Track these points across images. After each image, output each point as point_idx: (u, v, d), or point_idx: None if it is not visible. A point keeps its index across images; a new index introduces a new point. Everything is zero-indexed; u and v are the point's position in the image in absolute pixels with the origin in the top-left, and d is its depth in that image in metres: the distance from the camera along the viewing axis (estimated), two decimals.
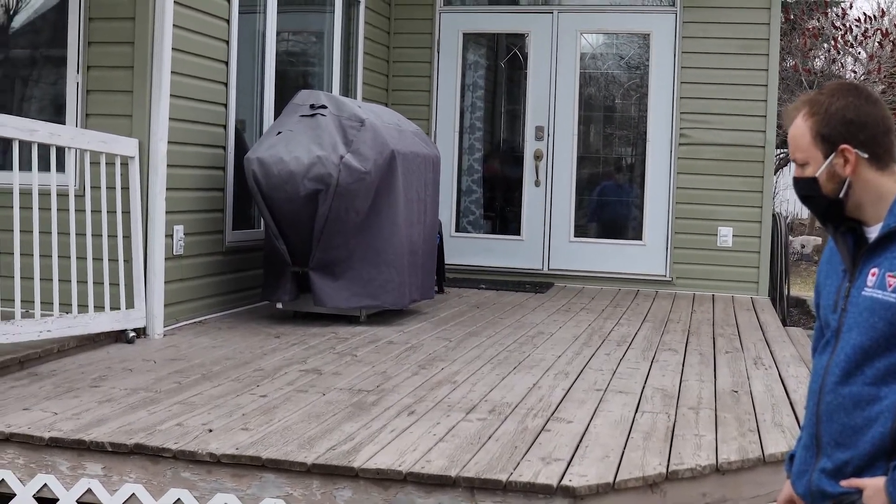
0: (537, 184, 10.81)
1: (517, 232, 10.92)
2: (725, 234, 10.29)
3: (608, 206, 11.03)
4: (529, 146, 10.87)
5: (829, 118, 2.45)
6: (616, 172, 11.12)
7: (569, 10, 10.80)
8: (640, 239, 10.63)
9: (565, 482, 3.86)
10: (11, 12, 7.41)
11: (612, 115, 11.26)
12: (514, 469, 4.00)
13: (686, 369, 6.22)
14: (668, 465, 4.12)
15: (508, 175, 11.17)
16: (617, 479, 3.93)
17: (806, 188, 2.49)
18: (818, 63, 17.25)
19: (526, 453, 4.23)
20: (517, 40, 11.11)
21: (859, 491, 2.38)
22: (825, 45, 17.10)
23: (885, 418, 2.35)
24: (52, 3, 7.16)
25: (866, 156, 2.43)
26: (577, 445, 4.38)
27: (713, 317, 8.65)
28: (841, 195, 2.45)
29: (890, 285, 2.36)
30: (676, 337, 7.49)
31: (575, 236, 10.77)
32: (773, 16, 10.24)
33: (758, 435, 4.66)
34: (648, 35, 10.63)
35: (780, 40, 16.83)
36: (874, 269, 2.40)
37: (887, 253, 2.40)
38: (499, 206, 11.38)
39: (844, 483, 2.41)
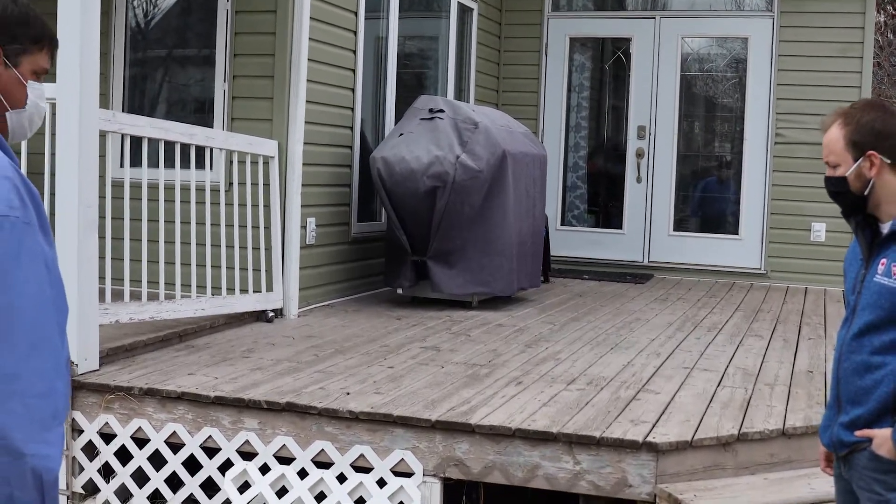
0: (639, 180, 11.44)
1: (619, 226, 11.57)
2: (819, 230, 10.79)
3: (706, 202, 11.61)
4: (632, 144, 11.50)
5: (860, 128, 2.98)
6: (714, 170, 11.67)
7: (671, 16, 11.40)
8: (737, 233, 11.19)
9: (650, 439, 4.56)
10: (171, 18, 8.30)
11: (710, 114, 11.82)
12: (607, 428, 4.70)
13: (769, 352, 6.84)
14: (740, 429, 4.78)
15: (611, 172, 11.82)
16: (694, 438, 4.62)
17: (836, 185, 3.02)
18: None
19: (617, 416, 4.93)
20: (621, 44, 11.73)
21: (870, 440, 2.96)
22: None
23: (888, 381, 2.94)
24: (199, 10, 8.02)
25: (889, 161, 2.98)
26: (663, 412, 5.06)
27: (803, 308, 9.20)
28: (865, 192, 2.99)
29: (894, 273, 2.96)
30: (765, 325, 8.08)
31: (674, 230, 11.38)
32: (868, 20, 10.70)
33: (825, 407, 5.27)
34: (747, 39, 11.17)
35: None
36: (883, 260, 2.98)
37: (895, 246, 3.00)
38: (602, 201, 12.02)
39: (858, 433, 3.00)
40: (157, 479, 5.28)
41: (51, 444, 2.05)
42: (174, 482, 5.29)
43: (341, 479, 4.95)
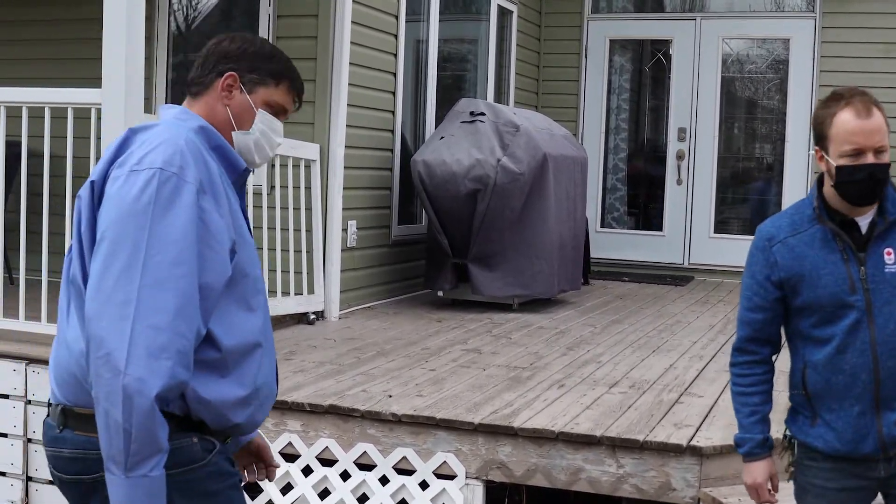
0: (679, 182, 11.40)
1: (659, 228, 11.53)
2: None
3: (747, 204, 11.55)
4: (672, 146, 11.46)
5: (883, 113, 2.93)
6: (755, 171, 11.62)
7: (711, 17, 11.35)
8: None
9: (693, 443, 4.54)
10: (212, 22, 8.36)
11: (751, 116, 11.75)
12: (650, 432, 4.69)
13: None
14: (783, 432, 4.74)
15: (651, 174, 11.78)
16: None
17: (886, 173, 2.90)
18: None
19: (661, 420, 4.92)
20: (661, 45, 11.70)
21: None
22: None
23: None
24: (240, 14, 8.08)
25: None
26: (706, 415, 5.05)
27: None
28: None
29: None
30: None
31: (715, 232, 11.33)
32: None
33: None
34: (788, 40, 11.11)
35: None
36: (888, 249, 2.94)
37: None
38: (642, 204, 11.99)
39: None
40: None
41: (152, 372, 2.22)
42: None
43: (384, 481, 4.96)
